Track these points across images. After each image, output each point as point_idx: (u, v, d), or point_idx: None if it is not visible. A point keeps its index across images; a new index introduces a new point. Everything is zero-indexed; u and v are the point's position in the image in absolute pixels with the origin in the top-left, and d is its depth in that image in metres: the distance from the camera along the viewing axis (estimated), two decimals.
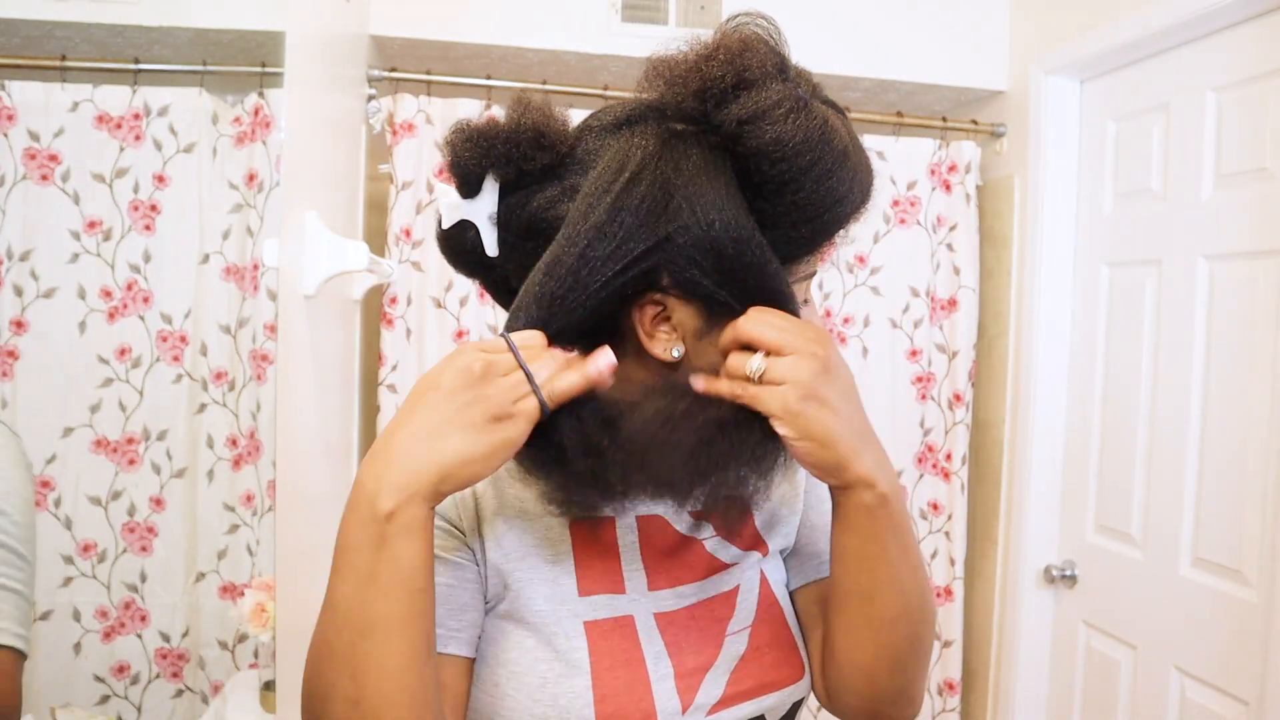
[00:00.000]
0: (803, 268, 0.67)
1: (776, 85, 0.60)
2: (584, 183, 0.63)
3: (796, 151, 0.58)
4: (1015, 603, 2.06)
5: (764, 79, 0.60)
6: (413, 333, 1.96)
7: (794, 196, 0.60)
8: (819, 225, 0.62)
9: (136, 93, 1.45)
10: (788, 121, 0.58)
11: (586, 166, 0.64)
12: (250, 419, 1.47)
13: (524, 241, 0.65)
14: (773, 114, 0.58)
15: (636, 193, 0.60)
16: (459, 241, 0.68)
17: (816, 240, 0.64)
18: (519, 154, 0.63)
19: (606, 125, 0.66)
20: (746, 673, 0.71)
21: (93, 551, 1.36)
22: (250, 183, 1.50)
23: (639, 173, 0.60)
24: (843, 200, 0.62)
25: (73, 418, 1.35)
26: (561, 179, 0.64)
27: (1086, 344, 1.98)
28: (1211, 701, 1.61)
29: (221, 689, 1.42)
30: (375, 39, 1.93)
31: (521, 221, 0.65)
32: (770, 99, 0.59)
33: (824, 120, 0.60)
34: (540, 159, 0.64)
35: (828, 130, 0.60)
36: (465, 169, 0.65)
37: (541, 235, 0.64)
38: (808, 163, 0.59)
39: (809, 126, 0.59)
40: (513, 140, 0.63)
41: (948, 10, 2.11)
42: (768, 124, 0.58)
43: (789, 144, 0.58)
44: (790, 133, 0.58)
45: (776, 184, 0.60)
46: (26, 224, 1.33)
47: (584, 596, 0.69)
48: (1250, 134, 1.57)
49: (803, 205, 0.61)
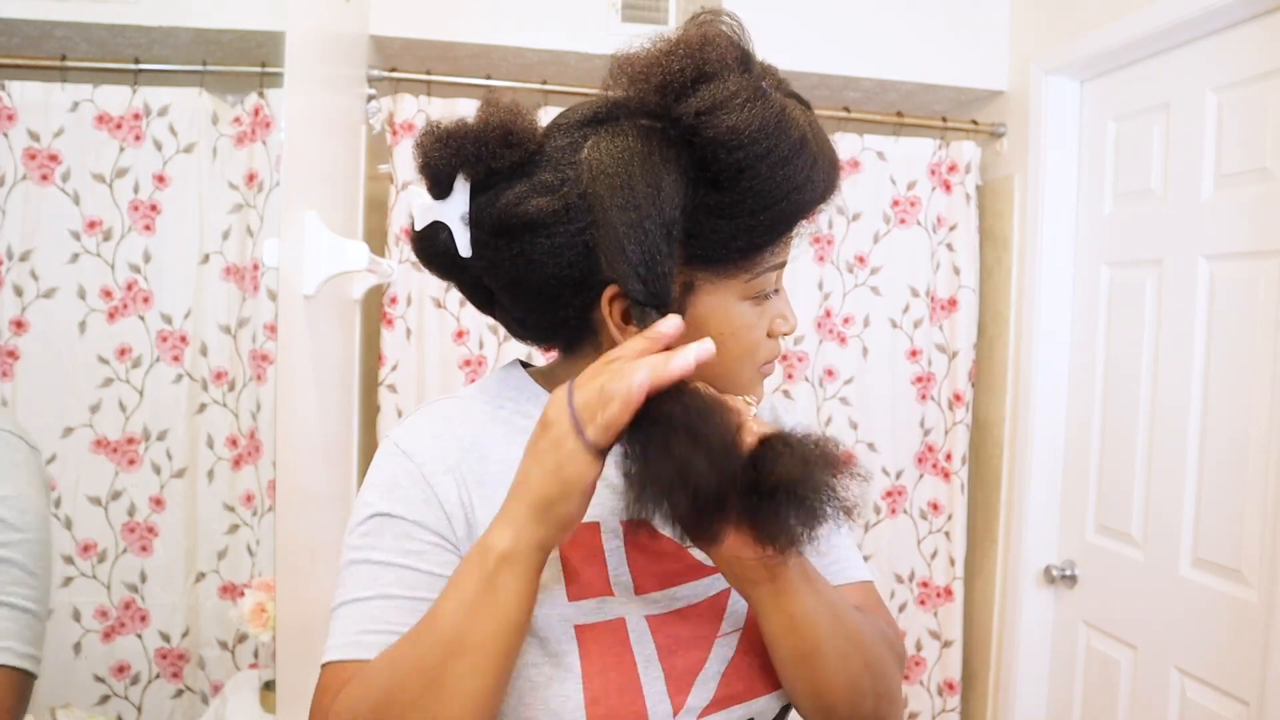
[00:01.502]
0: (768, 257, 0.67)
1: (734, 77, 0.62)
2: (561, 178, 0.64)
3: (752, 139, 0.60)
4: (1015, 603, 2.06)
5: (723, 72, 0.62)
6: (413, 333, 1.96)
7: (750, 183, 0.62)
8: (777, 213, 0.64)
9: (136, 93, 1.45)
10: (743, 110, 0.60)
11: (555, 164, 0.65)
12: (250, 419, 1.47)
13: (495, 239, 0.66)
14: (729, 104, 0.60)
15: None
16: (432, 243, 0.69)
17: (776, 228, 0.65)
18: (487, 152, 0.64)
19: (574, 123, 0.67)
20: (737, 676, 0.71)
21: (93, 551, 1.36)
22: (250, 183, 1.50)
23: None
24: (801, 188, 0.63)
25: (73, 418, 1.35)
26: (530, 175, 0.65)
27: (1086, 344, 1.97)
28: (1211, 701, 1.61)
29: (221, 689, 1.42)
30: (375, 39, 1.93)
31: (492, 219, 0.65)
32: (727, 90, 0.61)
33: (781, 109, 0.62)
34: (508, 156, 0.65)
35: (784, 118, 0.62)
36: (436, 169, 0.66)
37: (511, 232, 0.65)
38: (763, 149, 0.61)
39: (765, 115, 0.61)
40: (481, 139, 0.64)
41: (948, 10, 2.11)
42: (724, 114, 0.60)
43: (744, 131, 0.60)
44: (745, 120, 0.60)
45: (733, 171, 0.61)
46: (26, 224, 1.33)
47: (573, 601, 0.68)
48: (1250, 134, 1.57)
49: (759, 192, 0.62)
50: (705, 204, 0.63)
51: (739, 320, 0.68)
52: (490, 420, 0.73)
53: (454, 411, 0.73)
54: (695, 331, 0.66)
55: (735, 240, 0.65)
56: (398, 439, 0.71)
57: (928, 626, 2.19)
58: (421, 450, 0.69)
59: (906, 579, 2.19)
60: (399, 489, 0.68)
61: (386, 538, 0.66)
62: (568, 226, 0.64)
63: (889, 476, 2.17)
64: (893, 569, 2.18)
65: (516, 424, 0.73)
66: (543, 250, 0.64)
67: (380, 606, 0.65)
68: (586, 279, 0.65)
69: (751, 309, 0.69)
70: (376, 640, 0.64)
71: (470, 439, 0.71)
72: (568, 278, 0.65)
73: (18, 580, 0.81)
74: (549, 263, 0.64)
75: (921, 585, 2.19)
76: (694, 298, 0.67)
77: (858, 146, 2.11)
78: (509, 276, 0.67)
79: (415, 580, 0.66)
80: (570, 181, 0.64)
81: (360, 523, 0.68)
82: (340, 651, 0.65)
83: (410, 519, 0.67)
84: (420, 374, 1.96)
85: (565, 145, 0.66)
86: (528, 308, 0.69)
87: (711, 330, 0.67)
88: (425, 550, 0.66)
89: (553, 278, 0.65)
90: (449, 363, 1.96)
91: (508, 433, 0.72)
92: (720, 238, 0.64)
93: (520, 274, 0.66)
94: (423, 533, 0.67)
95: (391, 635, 0.64)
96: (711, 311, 0.67)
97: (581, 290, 0.66)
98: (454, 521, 0.68)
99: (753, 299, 0.69)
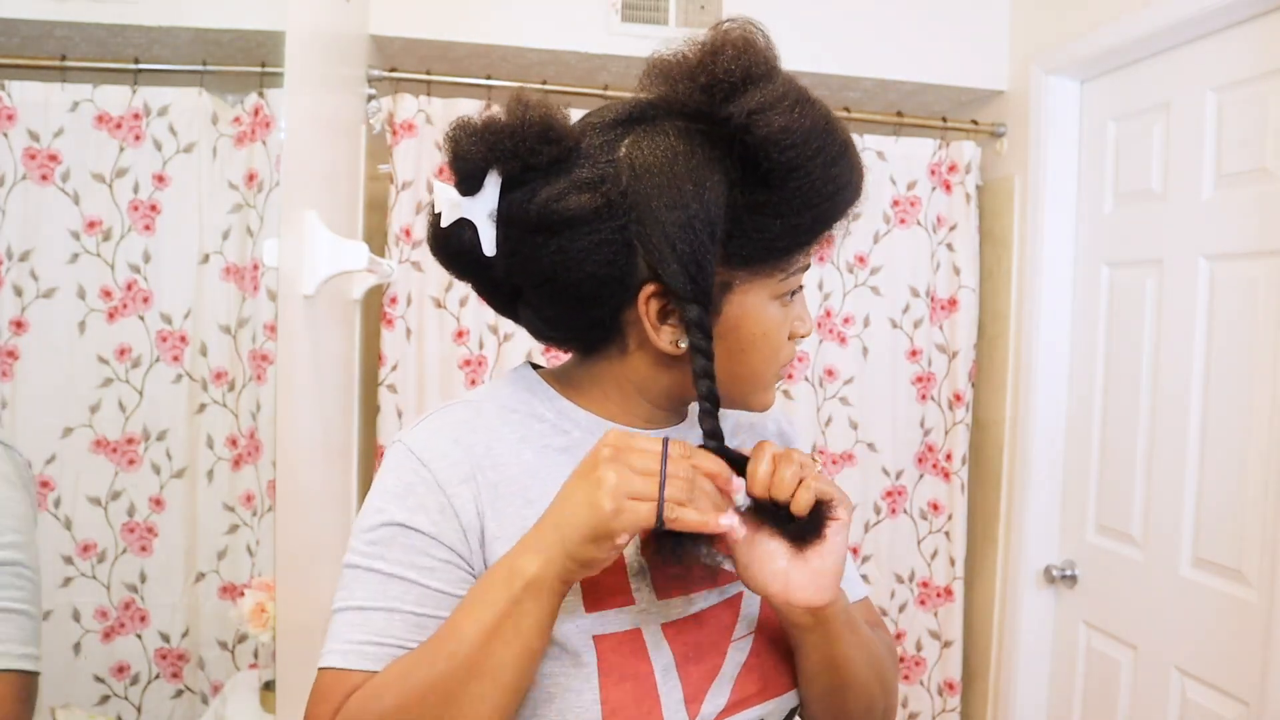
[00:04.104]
0: (800, 260, 0.69)
1: (781, 80, 0.64)
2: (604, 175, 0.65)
3: (804, 139, 0.62)
4: (1015, 603, 2.06)
5: (770, 74, 0.64)
6: (413, 333, 1.96)
7: (799, 182, 0.63)
8: (819, 213, 0.66)
9: (136, 93, 1.44)
10: (794, 111, 0.62)
11: (593, 161, 0.65)
12: (250, 419, 1.47)
13: (532, 235, 0.65)
14: (780, 105, 0.62)
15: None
16: (455, 241, 0.68)
17: (816, 229, 0.67)
18: (525, 148, 0.64)
19: (608, 122, 0.67)
20: (750, 679, 0.71)
21: (93, 552, 1.36)
22: (250, 183, 1.50)
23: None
24: (844, 189, 0.66)
25: (73, 418, 1.35)
26: (567, 173, 0.65)
27: (1086, 344, 1.97)
28: (1211, 701, 1.61)
29: (221, 689, 1.42)
30: (375, 39, 1.93)
31: (529, 216, 0.65)
32: (778, 91, 0.63)
33: (827, 112, 0.65)
34: (547, 153, 0.65)
35: (831, 120, 0.65)
36: (469, 164, 0.65)
37: (551, 228, 0.64)
38: (814, 149, 0.63)
39: (815, 116, 0.63)
40: (519, 135, 0.64)
41: (948, 10, 2.11)
42: (776, 114, 0.61)
43: (797, 131, 0.62)
44: (798, 121, 0.62)
45: (784, 170, 0.63)
46: (26, 224, 1.33)
47: (591, 612, 0.68)
48: (1250, 134, 1.57)
49: (806, 192, 0.64)
50: (753, 202, 0.64)
51: (770, 320, 0.69)
52: (502, 424, 0.71)
53: (467, 417, 0.71)
54: (730, 330, 0.68)
55: (780, 240, 0.66)
56: (412, 445, 0.69)
57: (928, 626, 2.19)
58: (437, 458, 0.67)
59: (906, 579, 2.19)
60: (413, 497, 0.66)
61: (396, 549, 0.65)
62: (609, 223, 0.64)
63: (889, 476, 2.17)
64: (893, 569, 2.18)
65: (531, 428, 0.72)
66: (582, 247, 0.64)
67: (386, 620, 0.64)
68: (623, 277, 0.65)
69: (779, 309, 0.70)
70: (379, 653, 0.64)
71: (483, 445, 0.69)
72: (606, 276, 0.65)
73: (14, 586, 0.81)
74: (588, 260, 0.64)
75: (921, 585, 2.19)
76: (730, 296, 0.68)
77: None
78: (544, 274, 0.66)
79: (423, 597, 0.65)
80: (610, 179, 0.65)
81: (370, 529, 0.67)
82: (340, 659, 0.64)
83: (425, 532, 0.65)
84: (420, 374, 1.96)
85: (601, 144, 0.66)
86: (560, 306, 0.68)
87: (745, 329, 0.68)
88: (437, 567, 0.65)
89: (591, 275, 0.65)
90: (449, 363, 1.96)
91: (521, 437, 0.71)
92: (765, 237, 0.65)
93: (557, 271, 0.65)
94: (437, 548, 0.65)
95: (395, 650, 0.64)
96: (746, 311, 0.68)
97: (618, 289, 0.66)
98: (469, 534, 0.66)
99: (780, 299, 0.70)
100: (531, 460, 0.70)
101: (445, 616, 0.64)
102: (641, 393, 0.73)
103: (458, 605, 0.63)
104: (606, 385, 0.73)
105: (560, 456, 0.71)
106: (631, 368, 0.71)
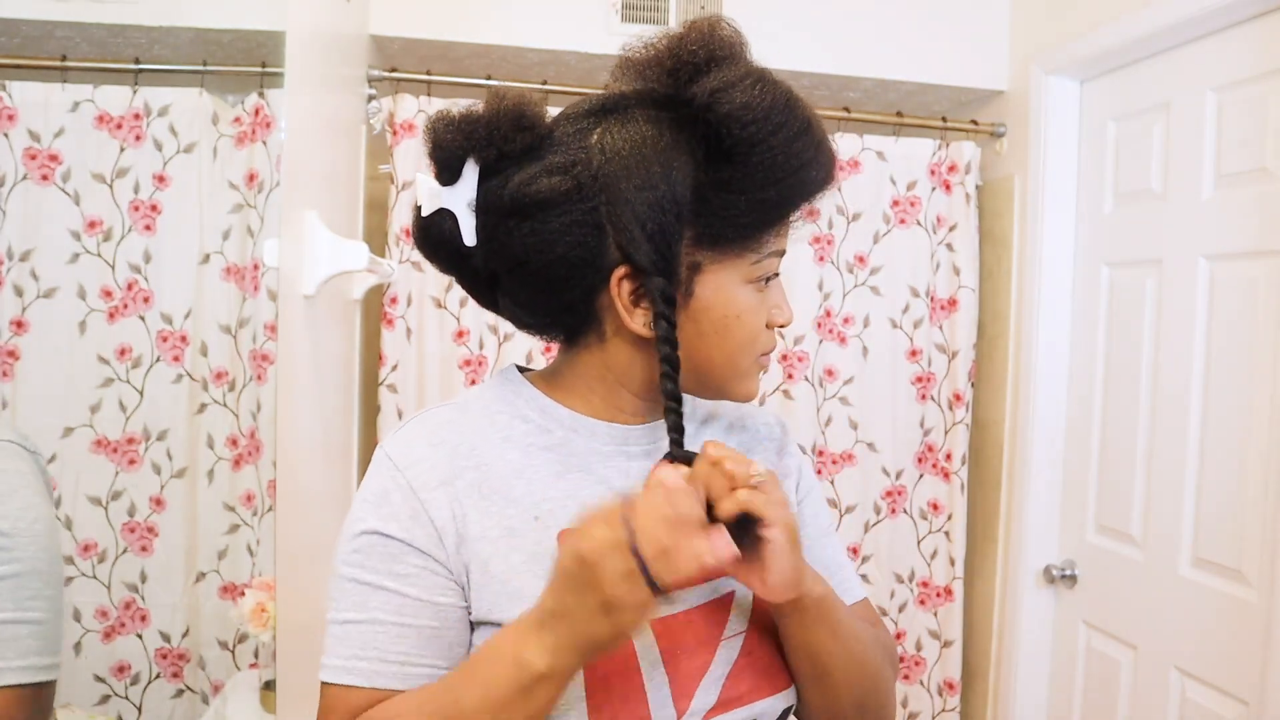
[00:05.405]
0: (771, 240, 0.70)
1: (744, 61, 0.67)
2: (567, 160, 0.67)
3: (765, 114, 0.64)
4: (1015, 603, 2.06)
5: (733, 56, 0.67)
6: (413, 333, 1.96)
7: (760, 157, 0.65)
8: (783, 189, 0.67)
9: (137, 93, 1.44)
10: (755, 89, 0.65)
11: (566, 147, 0.67)
12: (250, 419, 1.47)
13: (506, 220, 0.67)
14: (741, 83, 0.65)
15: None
16: (436, 231, 0.70)
17: (782, 207, 0.68)
18: (499, 135, 0.66)
19: (581, 113, 0.70)
20: (741, 678, 0.71)
21: (93, 551, 1.36)
22: (250, 183, 1.50)
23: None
24: (807, 165, 0.67)
25: (73, 418, 1.35)
26: (541, 158, 0.67)
27: (1086, 344, 1.97)
28: (1211, 701, 1.61)
29: (221, 689, 1.42)
30: (375, 39, 1.93)
31: (504, 200, 0.67)
32: (740, 71, 0.66)
33: (789, 91, 0.67)
34: (521, 140, 0.67)
35: (793, 99, 0.67)
36: (446, 153, 0.68)
37: (523, 211, 0.66)
38: (775, 125, 0.65)
39: (776, 93, 0.65)
40: (494, 123, 0.66)
41: (947, 10, 2.11)
42: (737, 91, 0.64)
43: (758, 107, 0.64)
44: (758, 98, 0.64)
45: (746, 145, 0.64)
46: (27, 224, 1.33)
47: None
48: (1250, 134, 1.57)
49: (769, 166, 0.65)
50: (718, 180, 0.66)
51: (743, 304, 0.70)
52: (488, 425, 0.72)
53: (451, 417, 0.73)
54: (703, 311, 0.69)
55: (743, 216, 0.67)
56: (389, 450, 0.70)
57: (928, 626, 2.19)
58: (413, 463, 0.69)
59: (906, 579, 2.19)
60: (388, 504, 0.67)
61: (375, 558, 0.67)
62: (580, 205, 0.66)
63: (889, 476, 2.18)
64: (893, 569, 2.18)
65: (515, 428, 0.73)
66: (554, 229, 0.66)
67: (371, 633, 0.66)
68: (595, 259, 0.67)
69: (753, 294, 0.71)
70: (368, 668, 0.65)
71: (466, 446, 0.70)
72: (577, 258, 0.66)
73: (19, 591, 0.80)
74: (559, 241, 0.66)
75: (921, 585, 2.19)
76: (700, 278, 0.68)
77: (857, 146, 2.11)
78: (518, 258, 0.68)
79: (403, 606, 0.66)
80: (582, 163, 0.66)
81: (352, 537, 0.68)
82: (335, 674, 0.66)
83: (399, 538, 0.67)
84: (420, 374, 1.96)
85: (574, 132, 0.68)
86: (533, 290, 0.70)
87: (718, 311, 0.69)
88: (413, 574, 0.66)
89: (562, 258, 0.66)
90: (449, 363, 1.96)
91: (505, 437, 0.72)
92: (730, 213, 0.67)
93: (530, 254, 0.67)
94: (412, 554, 0.66)
95: (381, 663, 0.65)
96: (718, 293, 0.69)
97: (590, 271, 0.67)
98: (444, 538, 0.67)
99: (754, 283, 0.70)
100: (516, 459, 0.71)
101: (426, 624, 0.66)
102: (623, 383, 0.73)
103: (456, 680, 0.63)
104: (590, 378, 0.74)
105: (544, 455, 0.72)
106: (610, 355, 0.72)
